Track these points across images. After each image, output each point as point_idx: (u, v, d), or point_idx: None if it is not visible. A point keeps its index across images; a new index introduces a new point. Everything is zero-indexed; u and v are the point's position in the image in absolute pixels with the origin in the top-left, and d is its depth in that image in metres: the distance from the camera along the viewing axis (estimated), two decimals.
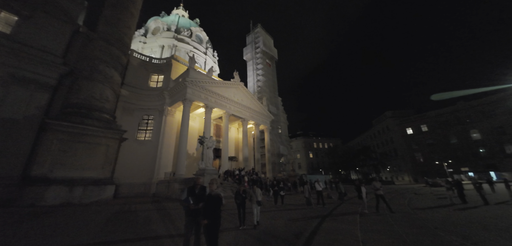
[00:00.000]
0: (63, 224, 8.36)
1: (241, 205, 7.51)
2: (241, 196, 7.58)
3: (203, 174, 15.58)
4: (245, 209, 7.53)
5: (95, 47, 19.68)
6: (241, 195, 7.60)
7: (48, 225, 8.06)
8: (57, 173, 15.10)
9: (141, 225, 7.98)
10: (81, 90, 18.16)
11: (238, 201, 7.56)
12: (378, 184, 10.54)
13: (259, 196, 8.02)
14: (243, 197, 7.56)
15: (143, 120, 24.31)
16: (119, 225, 7.93)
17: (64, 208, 12.59)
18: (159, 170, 22.04)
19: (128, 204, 14.68)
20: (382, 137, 67.99)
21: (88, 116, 17.41)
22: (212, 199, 4.13)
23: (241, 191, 7.67)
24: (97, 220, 9.15)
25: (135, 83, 24.48)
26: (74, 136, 16.29)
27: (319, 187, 14.06)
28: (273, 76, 45.71)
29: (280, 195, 13.97)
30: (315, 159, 75.00)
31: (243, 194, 7.64)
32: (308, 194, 12.88)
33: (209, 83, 23.95)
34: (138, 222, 8.42)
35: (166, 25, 38.23)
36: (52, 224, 8.20)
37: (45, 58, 17.50)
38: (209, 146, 16.71)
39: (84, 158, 16.58)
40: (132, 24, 22.88)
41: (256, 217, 7.61)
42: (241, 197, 7.55)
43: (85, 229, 7.39)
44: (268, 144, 34.12)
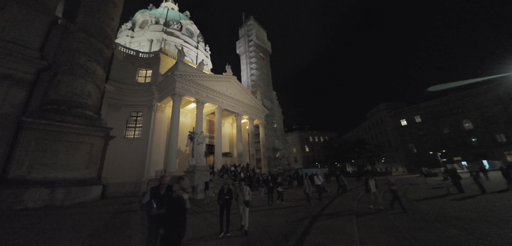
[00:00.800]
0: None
1: (225, 206, 6.31)
2: (225, 195, 6.34)
3: (193, 170, 14.87)
4: (229, 211, 6.42)
5: (74, 39, 18.41)
6: (225, 194, 6.35)
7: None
8: (36, 174, 14.13)
9: (117, 229, 7.27)
10: (61, 86, 17.00)
11: (221, 201, 6.31)
12: (393, 178, 9.27)
13: (247, 195, 6.64)
14: (226, 198, 6.33)
15: (131, 117, 23.25)
16: (85, 230, 7.18)
17: (40, 211, 11.72)
18: (149, 168, 21.19)
19: (113, 204, 13.89)
20: (376, 129, 68.49)
21: (68, 113, 16.34)
22: (172, 203, 3.40)
23: (226, 189, 6.48)
24: (68, 223, 8.39)
25: (122, 78, 23.29)
26: (53, 134, 15.26)
27: (319, 181, 13.06)
28: (267, 69, 44.87)
29: (278, 191, 12.17)
30: (311, 153, 75.17)
31: (227, 193, 6.41)
32: (308, 189, 11.44)
33: (200, 76, 23.01)
34: (115, 226, 7.70)
35: (154, 18, 36.66)
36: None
37: (20, 52, 16.21)
38: (200, 141, 15.97)
39: (66, 157, 15.60)
40: (115, 15, 21.56)
41: (244, 221, 6.40)
42: (224, 197, 6.35)
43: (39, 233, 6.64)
44: (263, 138, 33.55)
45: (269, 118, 39.79)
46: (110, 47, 21.27)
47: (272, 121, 41.94)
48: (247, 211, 6.46)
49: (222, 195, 6.38)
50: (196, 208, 11.53)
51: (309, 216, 8.44)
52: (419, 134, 55.60)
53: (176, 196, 3.48)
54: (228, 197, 6.37)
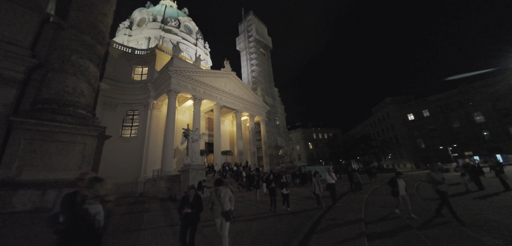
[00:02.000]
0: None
1: (187, 222, 4.35)
2: (191, 205, 4.37)
3: (187, 170, 14.10)
4: (195, 230, 4.43)
5: (66, 36, 17.83)
6: (191, 203, 4.40)
7: None
8: (26, 176, 13.60)
9: None
10: (52, 84, 16.44)
11: (183, 214, 4.34)
12: (439, 175, 6.78)
13: (228, 203, 4.45)
14: (192, 212, 4.31)
15: (127, 116, 22.70)
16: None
17: (30, 214, 11.15)
18: (146, 168, 20.61)
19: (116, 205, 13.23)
20: (382, 124, 66.59)
21: (60, 112, 15.78)
22: (75, 220, 2.26)
23: (191, 196, 4.52)
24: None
25: (117, 76, 22.73)
26: (44, 134, 14.71)
27: (332, 179, 9.84)
28: (268, 65, 43.82)
29: (283, 193, 9.27)
30: (314, 150, 73.79)
31: (194, 202, 4.44)
32: (319, 190, 9.08)
33: (197, 72, 22.22)
34: None
35: (152, 16, 36.08)
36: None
37: (10, 51, 15.74)
38: (195, 139, 15.19)
39: (57, 158, 15.05)
40: (108, 11, 20.92)
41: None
42: (187, 209, 4.29)
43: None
44: (265, 136, 32.64)
45: (271, 115, 38.84)
46: (104, 44, 20.65)
47: (274, 118, 40.97)
48: (227, 227, 4.30)
49: (185, 205, 4.36)
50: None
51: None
52: (427, 128, 53.60)
53: (83, 210, 2.28)
54: (191, 210, 4.29)
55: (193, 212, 4.35)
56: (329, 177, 9.91)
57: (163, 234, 6.25)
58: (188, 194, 4.56)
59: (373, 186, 17.14)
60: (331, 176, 9.96)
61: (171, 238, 5.77)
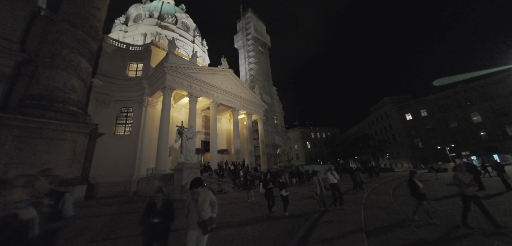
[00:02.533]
0: None
1: (154, 236, 3.34)
2: (158, 213, 3.37)
3: (181, 169, 13.68)
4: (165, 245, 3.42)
5: (57, 30, 17.29)
6: (156, 213, 3.37)
7: None
8: (13, 173, 13.09)
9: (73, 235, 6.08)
10: (42, 79, 15.93)
11: (147, 225, 3.34)
12: (467, 177, 5.51)
13: (207, 209, 3.29)
14: (160, 223, 3.31)
15: (121, 113, 22.18)
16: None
17: None
18: (140, 166, 20.14)
19: (95, 206, 12.79)
20: (380, 124, 66.60)
21: (49, 109, 15.27)
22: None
23: (159, 202, 3.49)
24: None
25: (111, 72, 22.19)
26: (32, 131, 14.21)
27: (334, 179, 8.88)
28: (266, 64, 43.40)
29: (282, 196, 8.19)
30: (313, 149, 73.64)
31: (162, 210, 3.42)
32: (320, 191, 8.13)
33: (193, 69, 21.75)
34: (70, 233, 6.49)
35: (148, 12, 35.45)
36: None
37: None
38: (189, 137, 14.77)
39: (46, 156, 14.56)
40: (101, 5, 20.38)
41: None
42: (152, 220, 3.31)
43: None
44: (262, 134, 32.27)
45: (269, 113, 38.46)
46: (97, 39, 20.13)
47: (272, 117, 40.61)
48: (204, 242, 3.26)
49: (150, 214, 3.36)
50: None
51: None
52: (425, 128, 53.64)
53: (8, 215, 1.85)
54: (158, 220, 3.28)
55: (162, 222, 3.30)
56: (331, 177, 9.00)
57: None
58: (155, 199, 3.50)
59: (373, 185, 16.88)
60: (333, 175, 9.03)
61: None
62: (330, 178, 9.05)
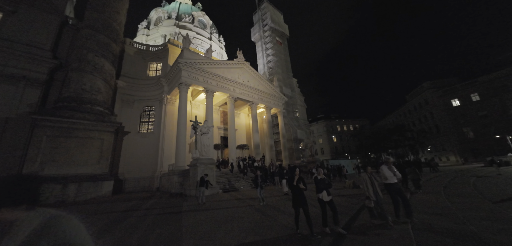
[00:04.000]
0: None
1: None
2: None
3: (196, 164, 13.26)
4: None
5: (82, 36, 18.43)
6: None
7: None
8: (48, 170, 14.28)
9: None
10: (71, 83, 17.12)
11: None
12: None
13: None
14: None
15: (144, 112, 23.04)
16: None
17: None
18: (162, 162, 20.64)
19: (114, 201, 13.15)
20: (419, 113, 59.00)
21: (78, 110, 16.32)
22: None
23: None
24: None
25: (133, 73, 23.14)
26: (64, 131, 15.31)
27: (393, 177, 5.97)
28: (285, 54, 41.40)
29: (321, 201, 5.39)
30: (339, 142, 69.01)
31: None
32: (375, 194, 5.61)
33: (208, 64, 21.38)
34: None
35: (166, 14, 36.53)
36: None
37: (33, 53, 16.69)
38: (204, 131, 14.29)
39: (77, 153, 15.60)
40: (121, 9, 21.19)
41: None
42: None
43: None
44: (283, 128, 30.80)
45: (289, 106, 36.70)
46: (118, 41, 21.04)
47: (293, 110, 38.70)
48: None
49: None
50: (186, 207, 9.78)
51: None
52: (477, 115, 45.59)
53: None
54: None
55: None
56: (388, 173, 5.96)
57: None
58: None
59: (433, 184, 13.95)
60: (392, 171, 5.98)
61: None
62: (385, 175, 5.96)
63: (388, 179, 5.93)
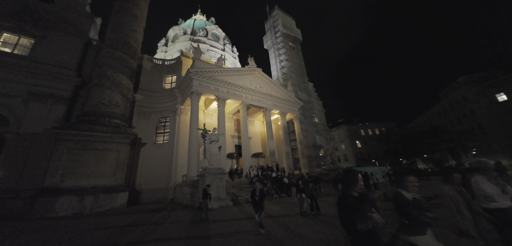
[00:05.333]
0: None
1: None
2: None
3: (204, 174, 12.55)
4: None
5: (103, 54, 19.61)
6: None
7: None
8: (68, 182, 14.77)
9: None
10: (92, 98, 18.07)
11: None
12: None
13: None
14: None
15: (160, 123, 23.52)
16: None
17: (69, 220, 11.57)
18: (176, 173, 20.49)
19: (127, 214, 12.92)
20: (456, 111, 52.34)
21: (97, 123, 16.99)
22: None
23: None
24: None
25: (150, 86, 23.99)
26: (82, 143, 15.92)
27: (503, 197, 3.31)
28: (299, 59, 40.21)
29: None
30: (364, 148, 63.94)
31: None
32: (474, 223, 3.07)
33: (219, 72, 21.23)
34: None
35: (182, 30, 38.30)
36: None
37: (59, 73, 18.09)
38: (213, 139, 13.68)
39: (94, 165, 16.04)
40: (137, 27, 22.34)
41: None
42: None
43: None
44: (300, 135, 29.16)
45: (306, 111, 34.98)
46: (135, 57, 22.04)
47: (311, 115, 36.82)
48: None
49: None
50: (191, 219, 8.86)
51: None
52: None
53: None
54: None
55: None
56: (492, 189, 3.42)
57: None
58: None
59: None
60: (498, 185, 3.44)
61: None
62: (486, 192, 3.44)
63: (492, 200, 3.28)
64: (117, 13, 21.31)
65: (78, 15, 21.19)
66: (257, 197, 6.65)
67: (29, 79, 16.86)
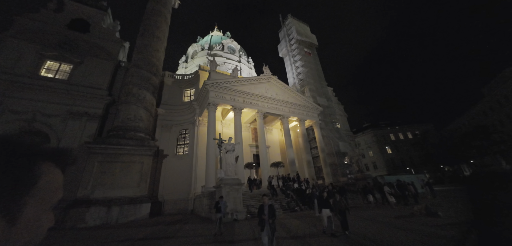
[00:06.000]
0: None
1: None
2: None
3: (219, 185, 12.28)
4: None
5: (129, 74, 21.31)
6: None
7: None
8: (97, 194, 15.74)
9: None
10: (120, 114, 19.50)
11: None
12: None
13: None
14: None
15: (180, 135, 24.35)
16: None
17: (98, 230, 12.19)
18: (195, 184, 20.72)
19: (146, 226, 13.13)
20: (505, 108, 45.23)
21: (124, 137, 18.15)
22: None
23: None
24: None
25: (171, 101, 25.24)
26: (111, 156, 17.03)
27: None
28: (316, 64, 39.13)
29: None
30: (396, 154, 58.22)
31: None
32: None
33: (234, 82, 21.48)
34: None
35: (200, 47, 40.38)
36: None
37: (93, 93, 20.01)
38: (229, 149, 13.48)
39: (120, 177, 16.95)
40: (160, 47, 24.01)
41: None
42: None
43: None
44: (321, 142, 27.64)
45: (327, 117, 33.37)
46: (158, 75, 23.53)
47: (332, 120, 34.96)
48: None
49: None
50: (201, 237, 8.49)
51: None
52: None
53: None
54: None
55: None
56: None
57: None
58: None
59: None
60: None
61: None
62: None
63: None
64: (141, 36, 23.23)
65: (110, 41, 23.60)
66: (265, 215, 5.37)
67: (68, 100, 18.92)
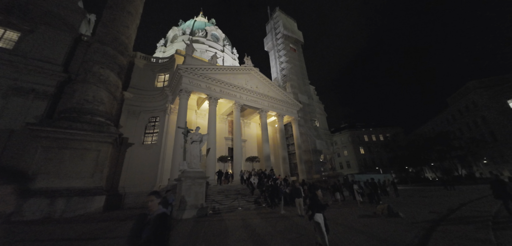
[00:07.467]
0: None
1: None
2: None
3: (180, 178, 11.22)
4: None
5: (91, 50, 18.83)
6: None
7: None
8: (39, 183, 13.64)
9: None
10: (75, 94, 17.14)
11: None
12: None
13: None
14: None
15: (149, 123, 22.49)
16: None
17: (38, 225, 10.39)
18: (162, 176, 19.30)
19: (92, 222, 11.64)
20: (466, 117, 49.87)
21: (78, 120, 15.98)
22: None
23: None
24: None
25: (141, 85, 23.13)
26: (59, 141, 14.87)
27: None
28: (300, 61, 39.01)
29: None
30: (368, 155, 61.54)
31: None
32: None
33: (211, 69, 20.18)
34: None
35: (181, 31, 37.82)
36: None
37: (44, 68, 17.33)
38: (194, 139, 12.39)
39: (71, 166, 14.92)
40: (130, 23, 21.61)
41: None
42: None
43: None
44: (298, 138, 27.65)
45: (307, 115, 33.52)
46: (126, 54, 21.22)
47: (312, 118, 35.27)
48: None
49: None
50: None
51: None
52: None
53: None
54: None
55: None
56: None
57: None
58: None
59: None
60: None
61: None
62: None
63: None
64: (109, 8, 20.66)
65: (69, 10, 20.67)
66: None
67: (12, 73, 16.13)
